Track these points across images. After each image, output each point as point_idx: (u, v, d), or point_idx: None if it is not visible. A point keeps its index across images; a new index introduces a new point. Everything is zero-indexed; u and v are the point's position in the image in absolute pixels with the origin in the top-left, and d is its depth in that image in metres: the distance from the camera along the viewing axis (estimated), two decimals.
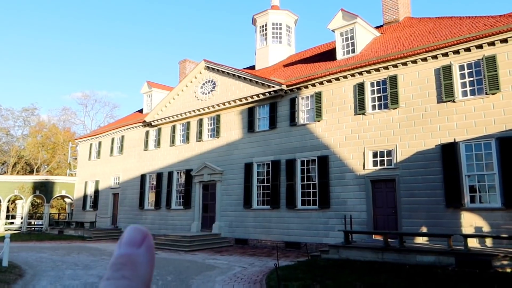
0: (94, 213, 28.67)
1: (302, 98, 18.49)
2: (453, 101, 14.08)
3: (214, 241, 19.31)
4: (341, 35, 18.84)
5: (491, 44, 13.56)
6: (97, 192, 29.31)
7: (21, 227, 31.66)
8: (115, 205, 27.69)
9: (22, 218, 32.77)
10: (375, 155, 15.80)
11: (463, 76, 14.20)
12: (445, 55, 14.49)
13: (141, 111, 30.13)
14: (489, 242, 12.56)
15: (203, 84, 23.09)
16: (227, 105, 21.17)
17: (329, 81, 17.49)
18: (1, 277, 11.04)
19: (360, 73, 16.57)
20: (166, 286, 10.22)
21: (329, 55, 20.34)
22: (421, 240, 14.02)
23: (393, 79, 15.65)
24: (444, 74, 14.43)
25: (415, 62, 15.18)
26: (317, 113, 17.67)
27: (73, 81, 77.10)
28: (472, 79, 13.98)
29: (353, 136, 16.41)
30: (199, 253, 16.71)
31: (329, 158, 16.93)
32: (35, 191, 31.07)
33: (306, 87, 18.25)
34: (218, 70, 22.28)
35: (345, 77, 17.04)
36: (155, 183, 24.80)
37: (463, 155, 13.64)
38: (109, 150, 29.14)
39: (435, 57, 14.73)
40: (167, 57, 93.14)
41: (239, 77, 21.00)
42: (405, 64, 15.42)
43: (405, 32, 18.23)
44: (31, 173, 50.31)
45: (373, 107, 16.19)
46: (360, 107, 16.37)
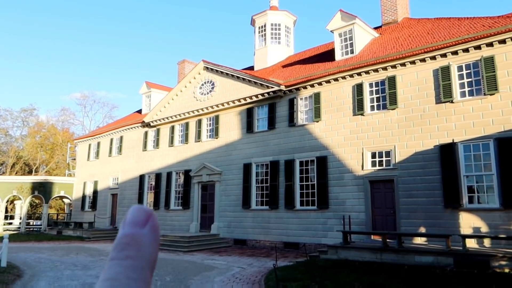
0: (92, 214, 28.65)
1: (301, 98, 18.51)
2: (452, 102, 14.11)
3: (212, 241, 19.31)
4: (340, 35, 18.87)
5: (490, 45, 13.60)
6: (95, 192, 29.29)
7: (19, 228, 31.62)
8: (114, 205, 27.67)
9: (20, 218, 32.71)
10: (373, 155, 15.82)
11: (461, 77, 14.23)
12: (444, 55, 14.52)
13: (140, 111, 30.12)
14: (487, 242, 12.59)
15: (202, 84, 23.10)
16: (226, 105, 21.18)
17: (328, 82, 17.52)
18: (0, 278, 11.02)
19: (358, 74, 16.60)
20: (164, 286, 10.22)
21: (328, 55, 20.36)
22: (419, 240, 14.04)
23: (392, 80, 15.67)
24: (442, 74, 14.46)
25: (413, 62, 15.21)
26: (316, 114, 17.69)
27: (72, 82, 77.12)
28: (470, 79, 14.01)
29: (352, 136, 16.43)
30: (198, 254, 16.71)
31: (328, 158, 16.95)
32: (34, 191, 31.02)
33: (305, 88, 18.28)
34: (217, 70, 22.29)
35: (343, 78, 17.07)
36: (154, 183, 24.79)
37: (461, 156, 13.66)
38: (108, 150, 29.12)
39: (433, 58, 14.76)
40: (166, 57, 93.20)
41: (238, 77, 21.01)
42: (403, 64, 15.45)
43: (403, 32, 18.26)
44: (29, 173, 50.24)
45: (372, 108, 16.22)
46: (358, 107, 16.40)
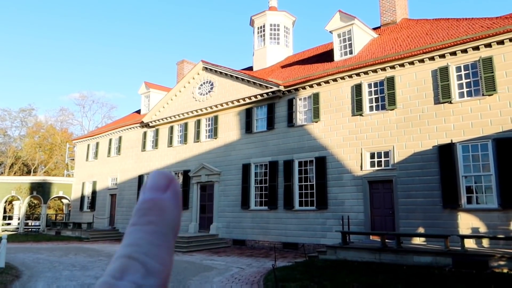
0: (91, 214, 28.61)
1: (299, 99, 18.53)
2: (450, 102, 14.14)
3: (211, 242, 19.31)
4: (339, 36, 18.89)
5: (488, 45, 13.63)
6: (94, 193, 29.25)
7: (18, 228, 31.55)
8: (113, 206, 27.64)
9: (19, 219, 32.64)
10: (372, 156, 15.84)
11: (460, 77, 14.26)
12: (442, 56, 14.55)
13: (139, 111, 30.10)
14: (485, 242, 12.61)
15: (201, 85, 23.10)
16: (225, 106, 21.18)
17: (327, 82, 17.54)
18: None
19: (357, 74, 16.62)
20: None
21: (326, 56, 20.39)
22: (418, 240, 14.06)
23: (391, 80, 15.70)
24: (441, 75, 14.49)
25: (412, 63, 15.23)
26: (315, 114, 17.70)
27: (71, 82, 77.04)
28: (469, 80, 14.04)
29: (351, 137, 16.45)
30: (197, 254, 16.70)
31: (327, 159, 16.97)
32: (32, 192, 30.97)
33: (303, 88, 18.29)
34: (216, 71, 22.30)
35: (342, 78, 17.09)
36: None
37: (460, 156, 13.69)
38: (106, 150, 29.10)
39: (432, 59, 14.79)
40: (165, 57, 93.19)
41: (237, 78, 21.02)
42: (402, 65, 15.47)
43: (402, 33, 18.29)
44: (28, 173, 50.17)
45: (371, 108, 16.24)
46: (357, 108, 16.42)
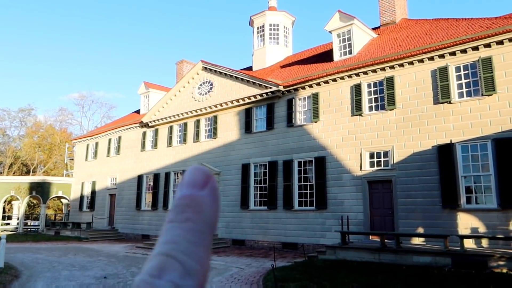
0: (91, 214, 28.59)
1: (299, 99, 18.53)
2: (450, 103, 14.14)
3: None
4: (338, 36, 18.89)
5: (487, 45, 13.64)
6: (94, 193, 29.23)
7: (17, 228, 31.52)
8: (112, 206, 27.62)
9: (18, 219, 32.62)
10: (371, 156, 15.84)
11: (459, 77, 14.27)
12: (442, 56, 14.56)
13: (138, 111, 30.09)
14: (485, 242, 12.61)
15: (201, 84, 23.09)
16: (224, 106, 21.17)
17: (326, 82, 17.54)
18: None
19: (357, 74, 16.62)
20: None
21: (326, 56, 20.39)
22: (417, 240, 14.07)
23: (390, 80, 15.70)
24: (440, 75, 14.50)
25: (411, 63, 15.24)
26: (314, 114, 17.70)
27: (70, 82, 77.01)
28: (468, 80, 14.05)
29: (350, 137, 16.45)
30: None
31: (326, 159, 16.97)
32: (32, 191, 30.94)
33: (303, 88, 18.29)
34: (215, 71, 22.29)
35: (342, 78, 17.09)
36: (152, 184, 24.76)
37: (459, 156, 13.69)
38: (106, 150, 29.08)
39: (431, 59, 14.80)
40: (164, 57, 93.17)
41: (236, 78, 21.01)
42: (401, 65, 15.48)
43: (401, 33, 18.30)
44: (27, 173, 50.12)
45: (370, 108, 16.24)
46: (357, 108, 16.42)
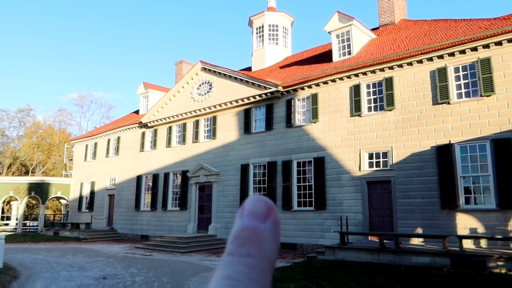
0: (89, 214, 28.56)
1: (298, 99, 18.54)
2: (448, 103, 14.17)
3: (210, 242, 19.29)
4: (337, 37, 18.91)
5: (486, 46, 13.66)
6: (92, 193, 29.20)
7: (16, 228, 31.48)
8: (111, 206, 27.60)
9: (17, 219, 32.58)
10: (370, 156, 15.86)
11: (458, 78, 14.29)
12: (441, 57, 14.58)
13: (137, 112, 30.07)
14: (483, 243, 12.63)
15: (200, 85, 23.09)
16: (224, 106, 21.18)
17: (325, 83, 17.55)
18: None
19: (356, 75, 16.64)
20: (162, 287, 10.21)
21: (325, 56, 20.40)
22: (416, 241, 14.08)
23: (389, 81, 15.72)
24: (439, 76, 14.52)
25: (410, 64, 15.26)
26: (313, 115, 17.71)
27: (69, 82, 76.95)
28: (467, 81, 14.07)
29: (349, 137, 16.47)
30: (195, 255, 16.69)
31: (325, 159, 16.98)
32: (31, 192, 30.91)
33: (302, 89, 18.30)
34: (214, 71, 22.29)
35: (341, 79, 17.10)
36: (151, 184, 24.74)
37: (458, 157, 13.72)
38: (105, 151, 29.05)
39: (430, 59, 14.82)
40: (163, 58, 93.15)
41: (236, 78, 21.02)
42: (400, 66, 15.50)
43: (400, 34, 18.32)
44: (26, 174, 50.06)
45: (369, 109, 16.26)
46: (356, 108, 16.43)
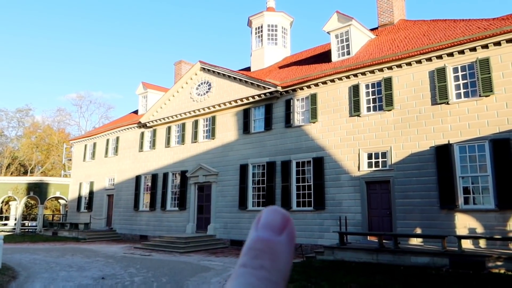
0: (88, 215, 28.53)
1: (297, 99, 18.54)
2: (447, 103, 14.18)
3: (209, 242, 19.28)
4: (336, 37, 18.91)
5: (485, 47, 13.67)
6: (91, 193, 29.15)
7: (14, 229, 31.44)
8: (110, 206, 27.57)
9: (15, 219, 32.53)
10: (369, 156, 15.86)
11: (457, 78, 14.31)
12: (439, 57, 14.59)
13: (136, 112, 30.03)
14: (482, 243, 12.64)
15: (199, 85, 23.07)
16: (223, 106, 21.17)
17: (324, 83, 17.55)
18: None
19: (355, 75, 16.64)
20: (161, 287, 10.20)
21: (324, 57, 20.40)
22: (415, 241, 14.09)
23: (388, 81, 15.73)
24: (438, 76, 14.53)
25: (409, 64, 15.27)
26: (312, 115, 17.71)
27: (68, 82, 76.87)
28: (466, 81, 14.08)
29: (348, 137, 16.47)
30: (194, 255, 16.68)
31: (324, 159, 16.98)
32: (29, 192, 30.87)
33: (301, 89, 18.30)
34: (213, 71, 22.28)
35: (340, 79, 17.10)
36: (150, 184, 24.72)
37: (457, 157, 13.72)
38: (104, 151, 29.02)
39: (429, 60, 14.83)
40: (162, 58, 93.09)
41: (235, 78, 21.01)
42: (399, 66, 15.50)
43: (399, 34, 18.33)
44: (25, 174, 49.99)
45: (368, 109, 16.26)
46: (355, 108, 16.44)
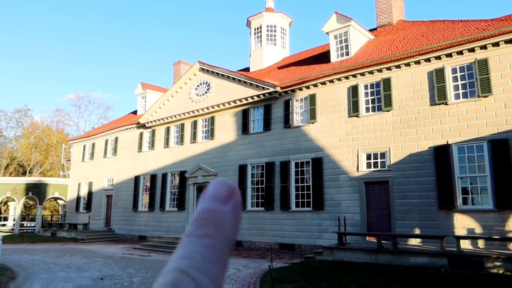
0: (87, 215, 28.48)
1: (296, 100, 18.55)
2: (446, 104, 14.20)
3: None
4: (335, 37, 18.92)
5: (483, 47, 13.70)
6: (90, 193, 29.12)
7: (13, 229, 31.38)
8: (109, 207, 27.54)
9: (14, 220, 32.48)
10: (368, 157, 15.88)
11: (455, 79, 14.33)
12: (438, 58, 14.62)
13: (135, 112, 30.01)
14: (481, 243, 12.66)
15: (198, 85, 23.07)
16: (222, 106, 21.17)
17: (323, 84, 17.57)
18: None
19: (354, 76, 16.66)
20: None
21: (323, 57, 20.42)
22: (414, 241, 14.10)
23: (387, 82, 15.75)
24: (437, 77, 14.55)
25: (408, 65, 15.29)
26: (311, 115, 17.73)
27: (67, 82, 76.79)
28: (464, 82, 14.11)
29: (347, 138, 16.49)
30: None
31: (323, 160, 16.99)
32: (28, 192, 30.82)
33: (300, 89, 18.31)
34: (212, 72, 22.28)
35: (339, 80, 17.12)
36: (149, 184, 24.71)
37: (455, 157, 13.75)
38: (102, 151, 28.98)
39: (428, 60, 14.85)
40: (161, 58, 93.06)
41: (234, 79, 21.01)
42: (398, 66, 15.53)
43: (398, 35, 18.36)
44: (23, 174, 49.90)
45: (367, 110, 16.28)
46: (354, 109, 16.45)
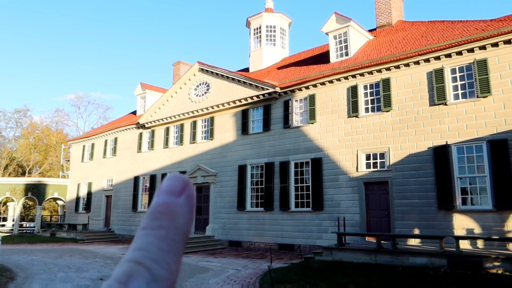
0: (87, 215, 28.47)
1: (296, 100, 18.56)
2: (445, 104, 14.22)
3: (207, 243, 19.27)
4: (335, 38, 18.94)
5: (482, 48, 13.72)
6: (90, 194, 29.11)
7: (12, 230, 31.34)
8: (108, 207, 27.52)
9: (13, 220, 32.43)
10: (368, 157, 15.89)
11: (455, 79, 14.35)
12: (437, 58, 14.63)
13: (134, 113, 30.01)
14: (480, 243, 12.68)
15: (197, 86, 23.08)
16: (221, 107, 21.17)
17: (323, 84, 17.58)
18: None
19: (353, 76, 16.67)
20: None
21: (322, 57, 20.43)
22: (413, 242, 14.11)
23: (386, 82, 15.76)
24: (436, 77, 14.57)
25: (407, 65, 15.31)
26: (311, 116, 17.74)
27: (66, 83, 76.75)
28: (463, 82, 14.13)
29: (347, 138, 16.50)
30: (193, 256, 16.66)
31: (323, 160, 17.00)
32: (27, 193, 30.78)
33: (300, 90, 18.32)
34: (212, 72, 22.29)
35: (338, 80, 17.13)
36: (148, 185, 24.70)
37: (455, 158, 13.76)
38: (102, 152, 28.98)
39: (427, 61, 14.87)
40: (161, 58, 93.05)
41: (233, 79, 21.02)
42: (397, 67, 15.54)
43: (398, 35, 18.38)
44: (23, 175, 49.86)
45: (366, 110, 16.29)
46: (353, 109, 16.47)
